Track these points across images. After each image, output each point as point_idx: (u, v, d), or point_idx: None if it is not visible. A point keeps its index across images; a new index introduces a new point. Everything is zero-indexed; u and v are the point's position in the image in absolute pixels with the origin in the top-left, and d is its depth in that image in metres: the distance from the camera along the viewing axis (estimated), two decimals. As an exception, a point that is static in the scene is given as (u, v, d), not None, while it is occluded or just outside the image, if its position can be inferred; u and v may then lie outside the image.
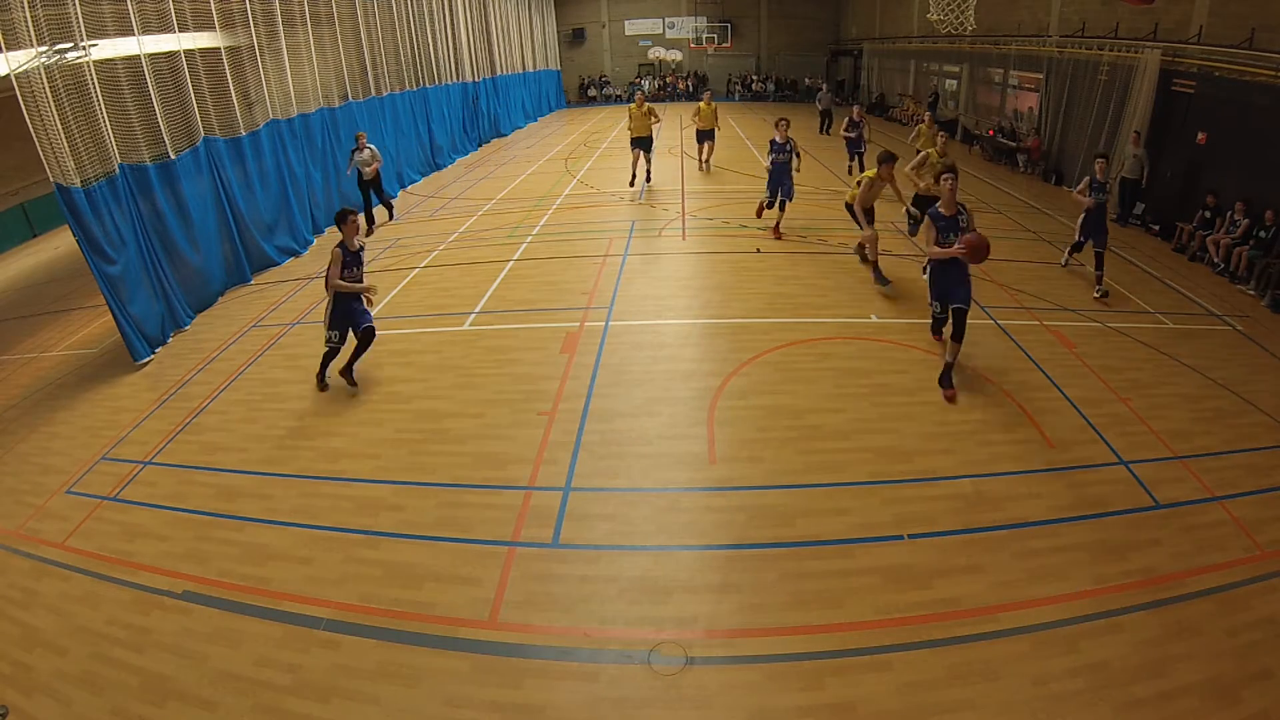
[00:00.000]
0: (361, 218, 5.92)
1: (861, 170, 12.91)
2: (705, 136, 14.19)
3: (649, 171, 13.11)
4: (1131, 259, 9.45)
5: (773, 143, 9.44)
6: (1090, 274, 8.04)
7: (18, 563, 4.41)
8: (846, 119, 13.50)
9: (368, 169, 10.73)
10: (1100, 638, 3.46)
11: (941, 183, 5.60)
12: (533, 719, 3.17)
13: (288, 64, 10.59)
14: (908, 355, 6.36)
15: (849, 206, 8.08)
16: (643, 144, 12.52)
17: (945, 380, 5.70)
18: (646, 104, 12.41)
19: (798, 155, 9.77)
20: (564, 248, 9.74)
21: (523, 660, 3.44)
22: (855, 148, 13.45)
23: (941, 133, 9.65)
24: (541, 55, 28.55)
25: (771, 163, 9.54)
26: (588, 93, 33.27)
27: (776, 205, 9.75)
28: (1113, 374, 6.07)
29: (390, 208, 11.74)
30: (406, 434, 5.42)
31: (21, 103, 6.18)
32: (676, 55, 32.65)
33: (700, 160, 14.79)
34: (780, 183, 9.56)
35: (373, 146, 10.93)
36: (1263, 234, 8.60)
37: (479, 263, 9.10)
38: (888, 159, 7.61)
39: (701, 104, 13.69)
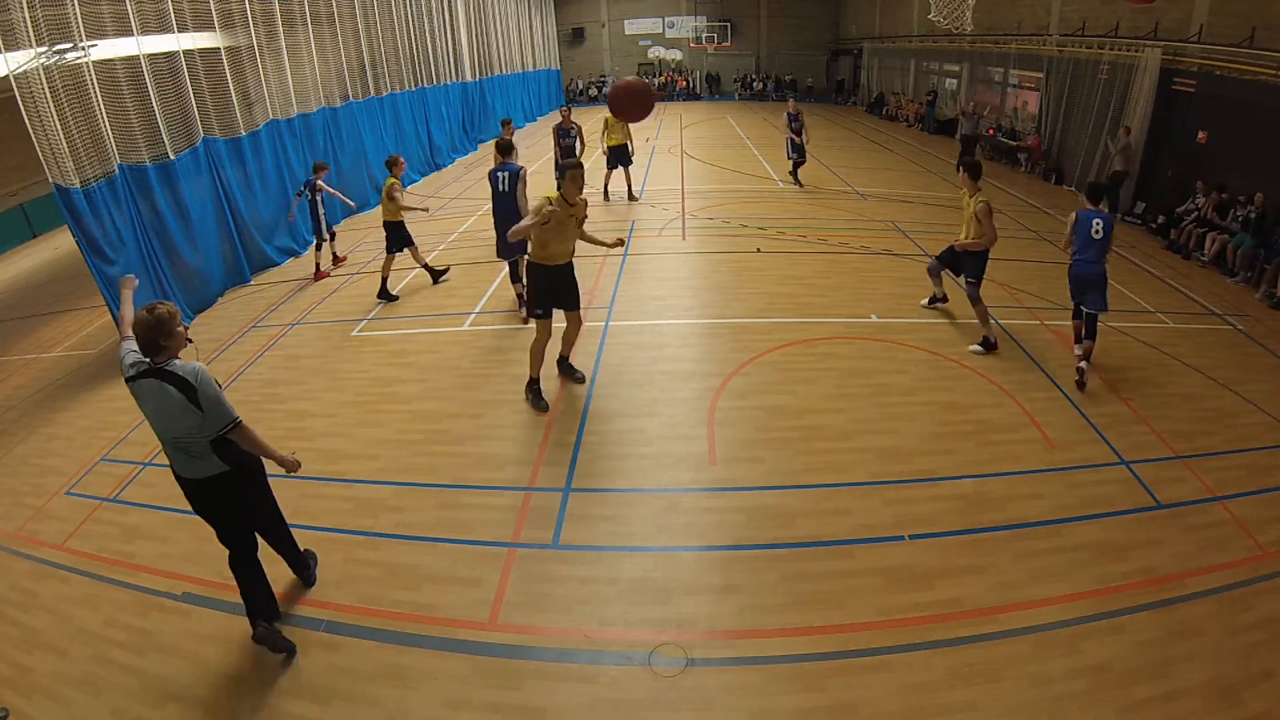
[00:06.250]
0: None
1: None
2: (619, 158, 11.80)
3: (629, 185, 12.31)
4: (1131, 258, 9.44)
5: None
6: None
7: (17, 564, 4.40)
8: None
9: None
10: (1102, 638, 3.45)
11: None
12: (533, 721, 3.17)
13: (288, 64, 10.58)
14: (908, 355, 6.35)
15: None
16: (620, 157, 11.60)
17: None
18: None
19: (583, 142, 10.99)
20: (564, 248, 9.71)
21: (523, 662, 3.43)
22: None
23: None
24: (541, 55, 28.54)
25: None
26: (583, 94, 33.15)
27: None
28: (1113, 373, 6.07)
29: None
30: (406, 434, 5.41)
31: (20, 104, 6.16)
32: (676, 55, 32.65)
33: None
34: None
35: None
36: (1251, 215, 8.63)
37: (479, 263, 9.09)
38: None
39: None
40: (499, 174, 7.01)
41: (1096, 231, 5.76)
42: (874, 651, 3.42)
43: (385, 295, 8.18)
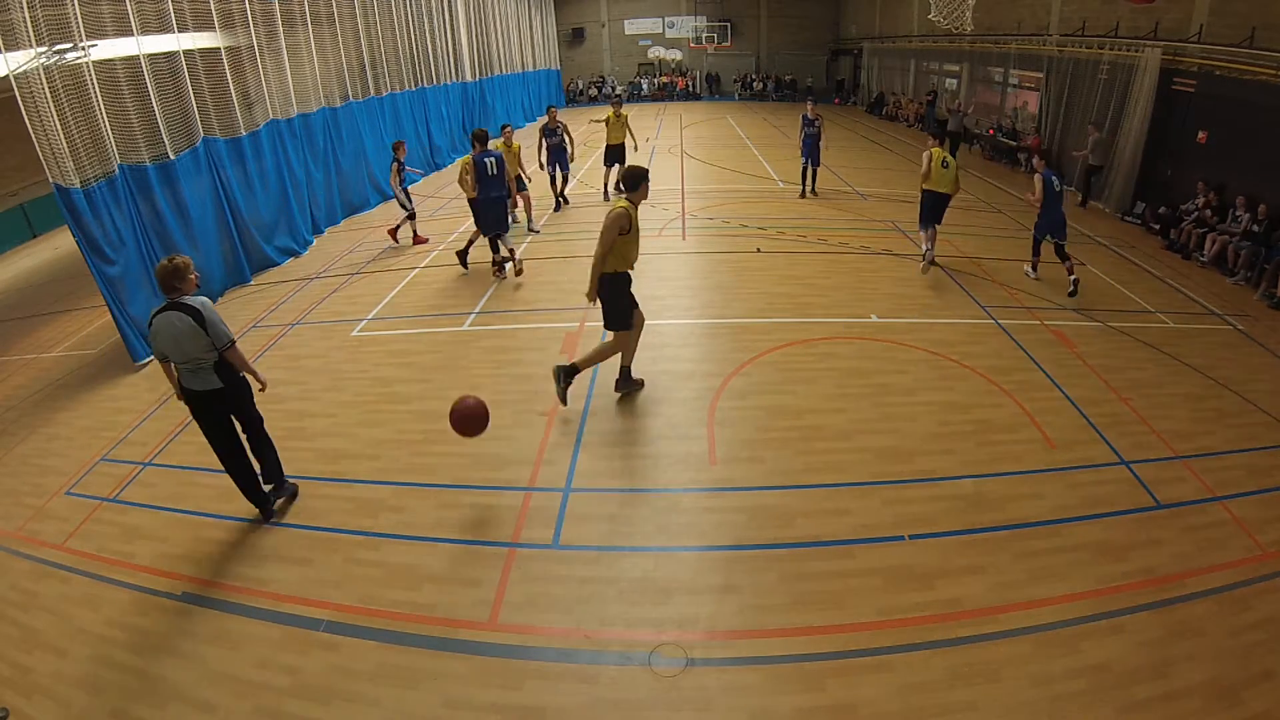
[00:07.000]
0: None
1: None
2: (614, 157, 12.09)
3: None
4: (1131, 258, 9.44)
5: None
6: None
7: (17, 564, 4.40)
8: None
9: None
10: (1102, 638, 3.46)
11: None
12: (533, 721, 3.17)
13: (288, 64, 10.58)
14: (908, 355, 6.35)
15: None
16: (617, 156, 11.97)
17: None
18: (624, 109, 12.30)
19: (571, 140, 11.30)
20: (564, 247, 9.73)
21: (523, 662, 3.43)
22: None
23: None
24: (541, 55, 28.53)
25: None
26: (582, 94, 33.13)
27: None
28: (1113, 373, 6.07)
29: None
30: (406, 434, 5.41)
31: (21, 104, 6.16)
32: (676, 55, 32.65)
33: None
34: None
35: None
36: (1255, 228, 8.62)
37: (479, 262, 9.08)
38: None
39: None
40: (485, 159, 8.08)
41: (1056, 185, 7.84)
42: (874, 651, 3.42)
43: (464, 261, 8.97)
